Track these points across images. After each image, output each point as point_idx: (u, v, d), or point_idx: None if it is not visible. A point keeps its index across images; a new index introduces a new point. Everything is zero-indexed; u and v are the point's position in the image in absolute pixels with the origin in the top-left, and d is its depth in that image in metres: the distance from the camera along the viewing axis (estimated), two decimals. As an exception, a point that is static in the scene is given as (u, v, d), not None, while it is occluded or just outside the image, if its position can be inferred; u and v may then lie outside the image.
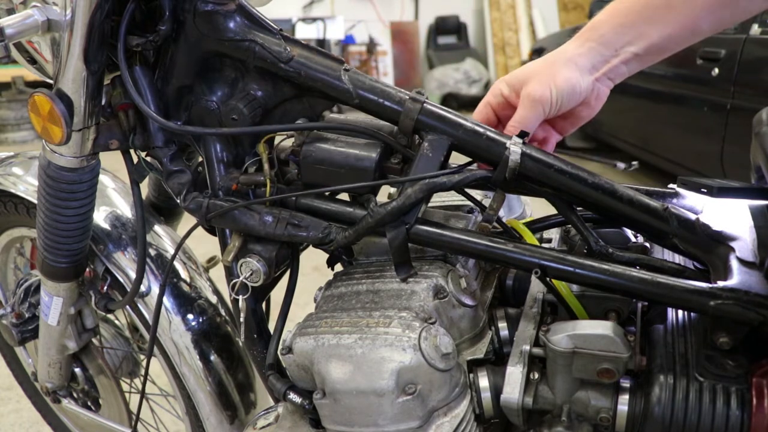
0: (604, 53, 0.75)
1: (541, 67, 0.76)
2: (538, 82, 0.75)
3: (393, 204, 0.73)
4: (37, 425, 1.78)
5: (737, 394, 0.63)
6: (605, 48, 0.75)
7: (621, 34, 0.74)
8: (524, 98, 0.76)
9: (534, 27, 7.06)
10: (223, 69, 0.83)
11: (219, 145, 0.84)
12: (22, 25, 0.75)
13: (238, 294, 0.86)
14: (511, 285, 0.88)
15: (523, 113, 0.76)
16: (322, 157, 0.79)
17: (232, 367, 1.14)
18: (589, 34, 0.76)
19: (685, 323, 0.71)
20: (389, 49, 7.29)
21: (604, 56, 0.75)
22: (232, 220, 0.81)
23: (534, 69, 0.77)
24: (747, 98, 2.87)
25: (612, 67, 0.76)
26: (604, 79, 0.77)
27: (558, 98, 0.75)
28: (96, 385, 1.33)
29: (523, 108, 0.76)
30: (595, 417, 0.70)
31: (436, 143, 0.75)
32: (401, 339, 0.68)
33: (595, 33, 0.76)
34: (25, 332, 1.23)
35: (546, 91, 0.74)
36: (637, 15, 0.74)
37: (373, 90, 0.77)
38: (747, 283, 0.65)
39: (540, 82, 0.75)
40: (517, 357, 0.72)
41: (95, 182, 0.95)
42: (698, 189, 0.85)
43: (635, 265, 0.74)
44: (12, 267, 1.42)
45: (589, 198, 0.74)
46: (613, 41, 0.75)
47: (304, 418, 0.78)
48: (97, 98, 0.84)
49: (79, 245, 1.00)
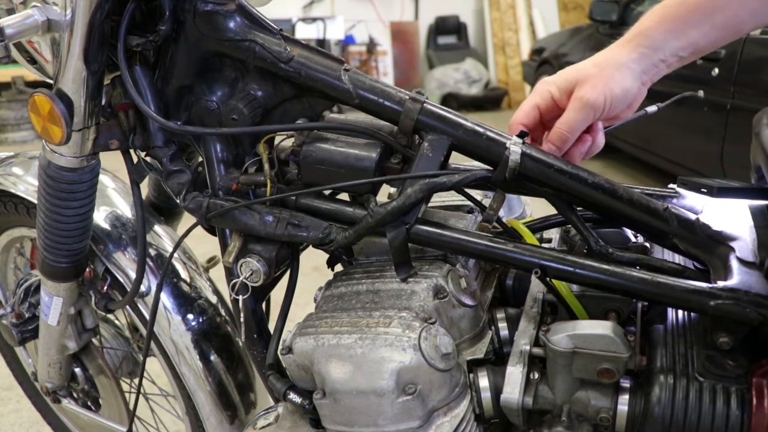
0: (654, 59, 0.76)
1: (593, 70, 0.76)
2: (592, 87, 0.74)
3: (393, 204, 0.73)
4: (37, 425, 1.78)
5: (737, 394, 0.63)
6: (655, 54, 0.76)
7: (671, 40, 0.75)
8: (576, 101, 0.75)
9: (534, 27, 7.06)
10: (223, 69, 0.83)
11: (219, 145, 0.84)
12: (22, 25, 0.75)
13: (238, 294, 0.86)
14: (511, 285, 0.88)
15: (572, 116, 0.75)
16: (322, 157, 0.79)
17: (232, 367, 1.14)
18: (639, 40, 0.76)
19: (685, 323, 0.71)
20: (389, 49, 7.29)
21: (654, 62, 0.76)
22: (232, 220, 0.81)
23: (586, 72, 0.76)
24: (747, 98, 2.87)
25: (658, 72, 0.77)
26: (648, 82, 0.78)
27: (610, 104, 0.74)
28: (96, 385, 1.33)
29: (573, 111, 0.75)
30: (595, 417, 0.70)
31: (436, 143, 0.75)
32: (401, 339, 0.68)
33: (646, 40, 0.76)
34: (25, 332, 1.23)
35: (600, 96, 0.74)
36: (685, 21, 0.74)
37: (373, 90, 0.77)
38: (747, 283, 0.65)
39: (594, 87, 0.74)
40: (517, 357, 0.72)
41: (95, 182, 0.95)
42: (698, 189, 0.85)
43: (635, 265, 0.74)
44: (12, 267, 1.42)
45: (589, 198, 0.74)
46: (663, 47, 0.75)
47: (304, 418, 0.78)
48: (97, 98, 0.84)
49: (79, 245, 1.00)
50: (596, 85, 0.74)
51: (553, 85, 0.78)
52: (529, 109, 0.79)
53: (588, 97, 0.74)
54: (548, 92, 0.78)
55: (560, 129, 0.76)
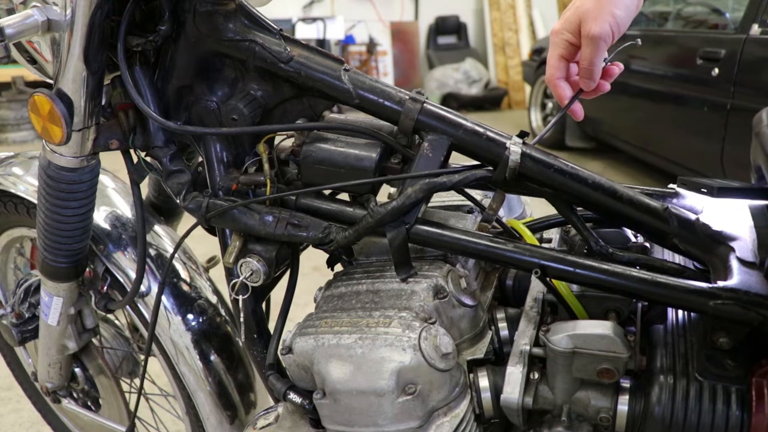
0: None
1: (591, 3, 0.78)
2: (594, 20, 0.78)
3: (393, 204, 0.73)
4: (37, 425, 1.78)
5: (737, 394, 0.63)
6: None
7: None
8: (585, 38, 0.79)
9: (534, 27, 7.06)
10: (223, 69, 0.83)
11: (219, 145, 0.84)
12: (22, 25, 0.75)
13: (238, 294, 0.86)
14: (511, 285, 0.88)
15: (589, 52, 0.79)
16: (322, 157, 0.79)
17: (232, 367, 1.14)
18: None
19: (685, 323, 0.71)
20: (389, 49, 7.29)
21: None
22: (232, 220, 0.81)
23: (585, 8, 0.79)
24: (747, 98, 2.87)
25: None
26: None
27: (617, 27, 0.78)
28: (96, 385, 1.33)
29: (587, 47, 0.79)
30: (595, 417, 0.70)
31: (436, 143, 0.75)
32: (401, 339, 0.68)
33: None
34: (25, 332, 1.23)
35: (605, 26, 0.77)
36: None
37: (373, 90, 0.77)
38: (747, 283, 0.65)
39: (596, 19, 0.77)
40: (517, 357, 0.72)
41: (95, 182, 0.95)
42: (698, 189, 0.85)
43: (635, 265, 0.74)
44: (12, 267, 1.42)
45: (589, 198, 0.74)
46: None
47: (304, 418, 0.78)
48: (97, 98, 0.84)
49: (79, 245, 1.00)
50: (597, 17, 0.77)
51: (564, 32, 0.82)
52: (557, 62, 0.84)
53: (594, 31, 0.78)
54: (564, 41, 0.82)
55: (584, 66, 0.81)
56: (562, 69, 0.84)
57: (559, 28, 0.82)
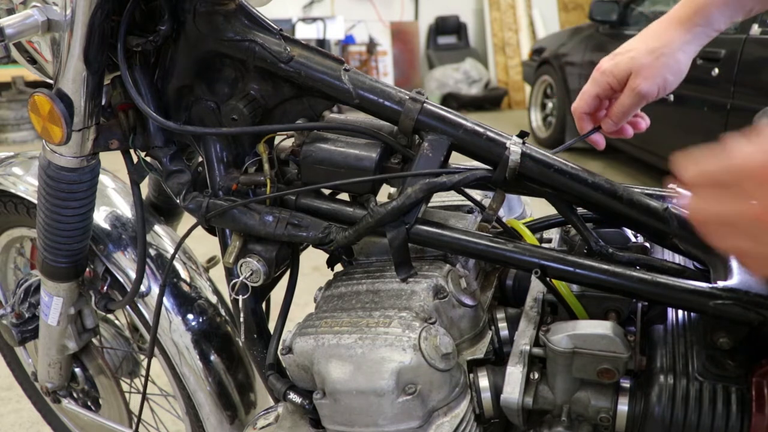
0: (710, 33, 0.79)
1: (647, 59, 0.79)
2: (645, 78, 0.79)
3: (393, 204, 0.73)
4: (37, 425, 1.78)
5: (737, 394, 0.63)
6: (711, 28, 0.79)
7: (727, 13, 0.78)
8: (630, 90, 0.80)
9: (534, 27, 7.06)
10: (223, 69, 0.83)
11: (219, 145, 0.84)
12: (22, 25, 0.75)
13: (238, 294, 0.86)
14: (511, 285, 0.88)
15: (627, 102, 0.81)
16: (322, 157, 0.79)
17: (232, 367, 1.14)
18: (697, 19, 0.79)
19: (685, 323, 0.71)
20: (389, 49, 7.29)
21: (709, 36, 0.79)
22: (232, 220, 0.81)
23: (640, 62, 0.80)
24: (747, 98, 2.87)
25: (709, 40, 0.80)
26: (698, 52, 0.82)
27: (663, 91, 0.80)
28: (96, 385, 1.33)
29: (628, 98, 0.81)
30: (595, 417, 0.70)
31: (436, 143, 0.75)
32: (401, 339, 0.68)
33: (703, 18, 0.78)
34: (25, 332, 1.23)
35: (654, 87, 0.79)
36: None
37: (373, 90, 0.77)
38: (747, 283, 0.65)
39: (647, 78, 0.79)
40: (517, 357, 0.71)
41: (95, 182, 0.95)
42: (698, 189, 0.85)
43: (635, 265, 0.74)
44: (12, 267, 1.42)
45: (589, 198, 0.74)
46: (720, 20, 0.78)
47: (304, 418, 0.78)
48: (97, 98, 0.84)
49: (79, 245, 1.00)
50: (649, 77, 0.79)
51: (611, 76, 0.83)
52: (591, 99, 0.87)
53: (641, 88, 0.79)
54: (607, 84, 0.83)
55: (616, 112, 0.84)
56: (592, 106, 0.86)
57: (606, 69, 0.83)
